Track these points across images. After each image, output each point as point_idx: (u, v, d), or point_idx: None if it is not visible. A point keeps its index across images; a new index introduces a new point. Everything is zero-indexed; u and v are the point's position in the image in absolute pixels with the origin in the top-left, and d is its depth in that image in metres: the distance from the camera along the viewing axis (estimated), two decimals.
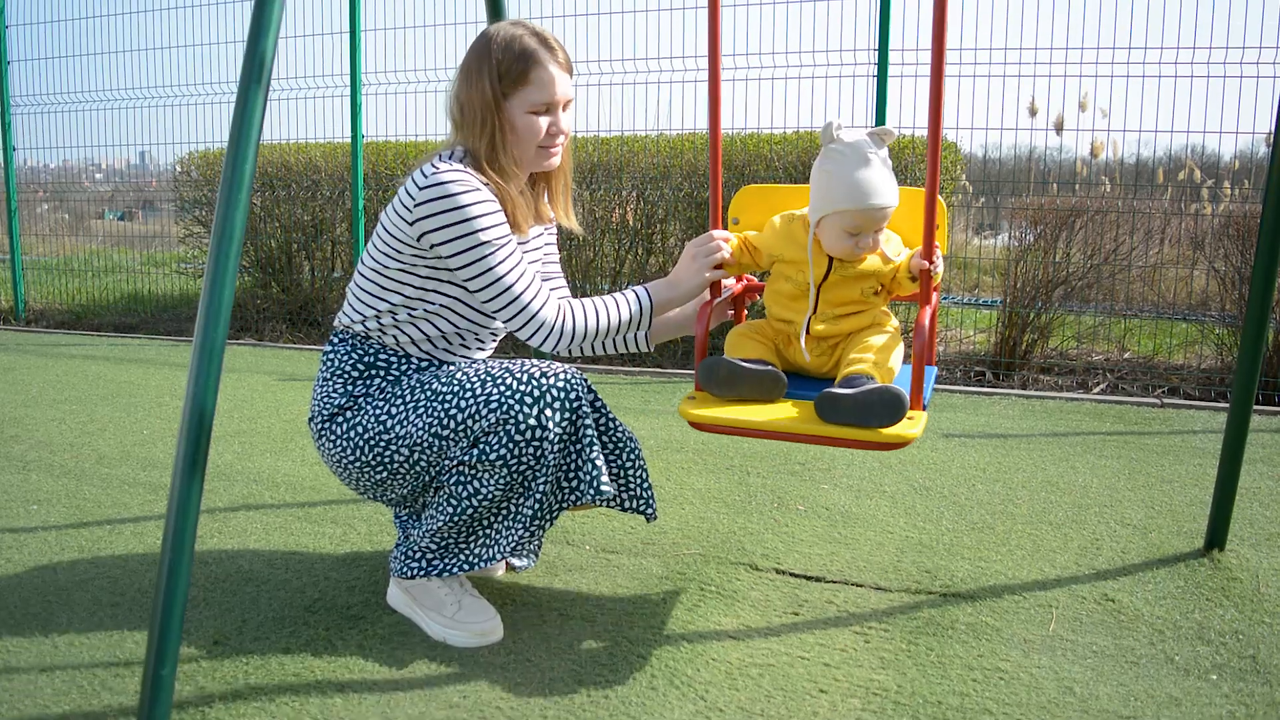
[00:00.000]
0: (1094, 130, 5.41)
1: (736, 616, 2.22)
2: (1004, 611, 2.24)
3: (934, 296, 1.94)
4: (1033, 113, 5.33)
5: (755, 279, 2.28)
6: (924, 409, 1.87)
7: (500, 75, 2.02)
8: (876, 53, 5.07)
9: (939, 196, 1.83)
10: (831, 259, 1.97)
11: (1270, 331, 4.68)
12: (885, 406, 1.77)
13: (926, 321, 1.87)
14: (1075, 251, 5.41)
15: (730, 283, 2.21)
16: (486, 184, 2.03)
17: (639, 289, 2.09)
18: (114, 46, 7.43)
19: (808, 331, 2.01)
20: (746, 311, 2.27)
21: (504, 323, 2.04)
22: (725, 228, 2.19)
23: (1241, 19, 4.77)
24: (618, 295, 2.08)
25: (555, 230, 2.38)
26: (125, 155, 8.62)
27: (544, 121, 2.07)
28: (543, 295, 2.03)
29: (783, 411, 1.89)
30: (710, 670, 1.96)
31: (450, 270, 2.03)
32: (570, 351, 2.06)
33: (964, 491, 3.17)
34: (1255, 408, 3.01)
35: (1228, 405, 2.51)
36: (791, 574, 2.47)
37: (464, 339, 2.17)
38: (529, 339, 2.03)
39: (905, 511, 2.96)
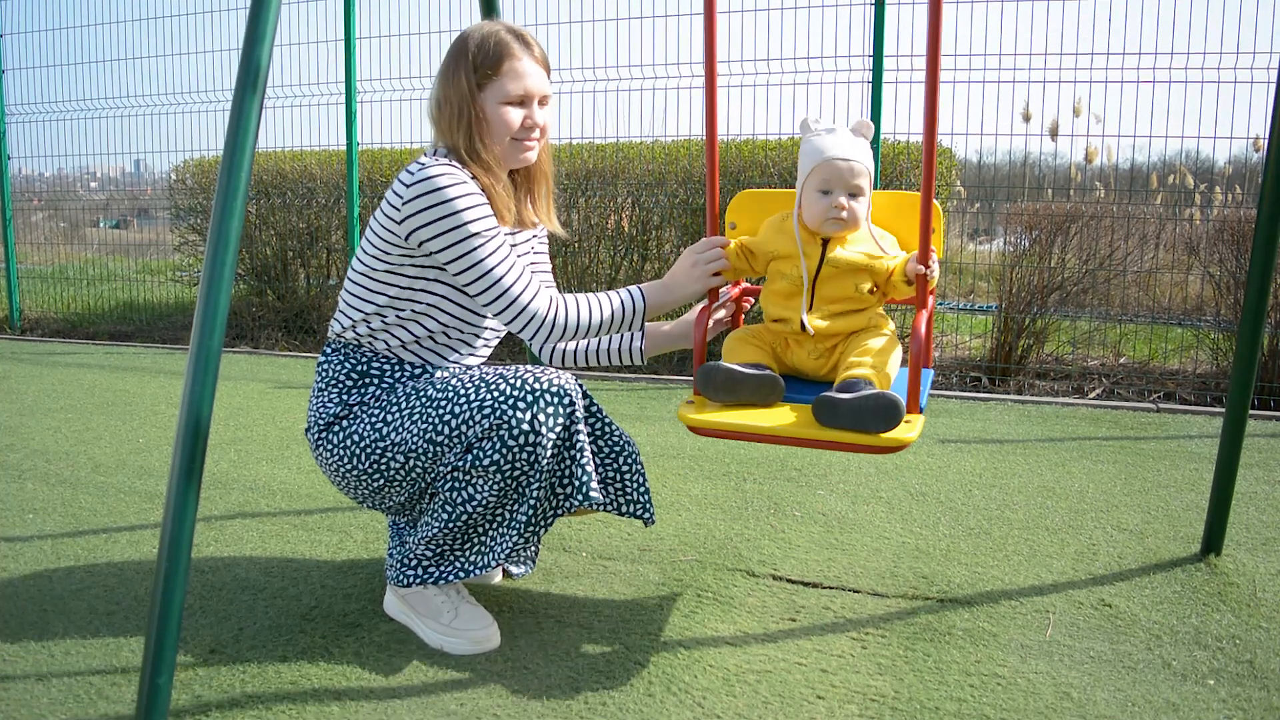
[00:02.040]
0: (1089, 135, 5.43)
1: (733, 623, 2.22)
2: (1001, 617, 2.25)
3: (930, 301, 1.94)
4: (1027, 118, 5.35)
5: (750, 283, 2.29)
6: (920, 412, 1.87)
7: (475, 68, 2.05)
8: (872, 59, 5.09)
9: (935, 201, 1.83)
10: (824, 250, 1.99)
11: (1265, 336, 4.69)
12: (882, 411, 1.77)
13: (923, 326, 1.89)
14: (1070, 257, 5.42)
15: (727, 289, 2.21)
16: (472, 178, 2.04)
17: (633, 289, 2.10)
18: (109, 55, 7.44)
19: (803, 328, 2.02)
20: (744, 317, 2.28)
21: (495, 316, 2.03)
22: (723, 235, 2.19)
23: (1235, 25, 4.78)
24: (610, 293, 2.09)
25: (545, 236, 2.38)
26: (120, 163, 8.62)
27: (518, 114, 2.08)
28: (533, 287, 2.03)
29: (781, 416, 1.88)
30: (707, 677, 1.96)
31: (441, 266, 2.04)
32: (564, 347, 2.05)
33: (960, 497, 3.17)
34: (1251, 412, 3.01)
35: (1223, 410, 2.52)
36: (788, 580, 2.47)
37: (452, 339, 2.17)
38: (520, 331, 2.03)
39: (902, 517, 2.96)
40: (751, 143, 5.77)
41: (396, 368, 2.14)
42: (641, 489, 2.19)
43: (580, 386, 2.03)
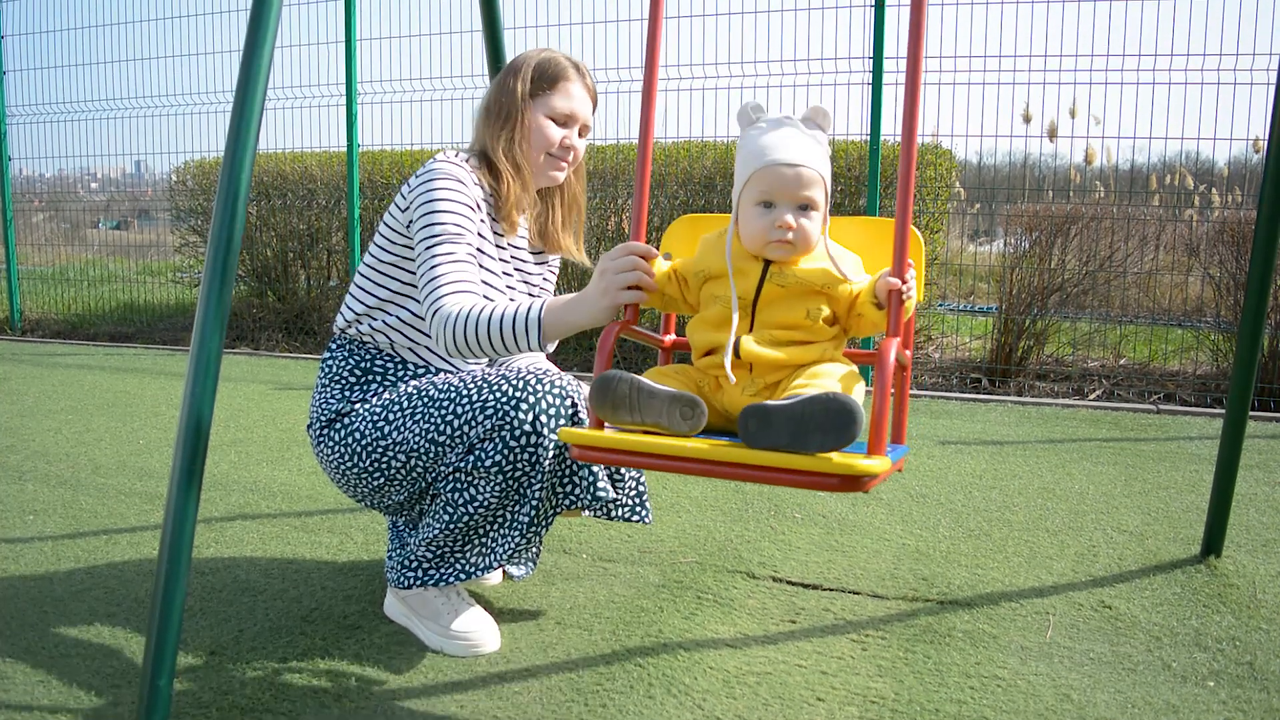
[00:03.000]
0: (1088, 136, 5.43)
1: (734, 625, 2.22)
2: (1001, 619, 2.24)
3: (900, 350, 1.50)
4: (1026, 120, 5.35)
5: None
6: (891, 461, 1.45)
7: (532, 79, 2.13)
8: (872, 60, 5.09)
9: (913, 228, 1.53)
10: (767, 266, 1.62)
11: (1265, 337, 4.69)
12: (830, 418, 1.35)
13: (891, 354, 1.44)
14: (1070, 258, 5.43)
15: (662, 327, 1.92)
16: (479, 184, 2.08)
17: (535, 302, 1.85)
18: (109, 56, 7.45)
19: (737, 355, 1.60)
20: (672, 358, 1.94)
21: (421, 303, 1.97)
22: (656, 247, 1.79)
23: (1235, 26, 4.78)
24: (511, 304, 1.86)
25: (559, 263, 2.41)
26: (121, 164, 8.63)
27: (559, 132, 2.15)
28: (455, 288, 1.92)
29: (695, 441, 1.50)
30: (708, 679, 1.96)
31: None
32: (449, 347, 1.88)
33: (960, 499, 3.17)
34: (1251, 413, 3.01)
35: (1223, 411, 2.52)
36: (788, 582, 2.47)
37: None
38: (428, 327, 1.94)
39: (902, 519, 2.96)
40: None
41: (400, 366, 2.14)
42: (636, 491, 2.20)
43: (580, 387, 2.03)
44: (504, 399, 1.93)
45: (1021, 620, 2.23)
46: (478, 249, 2.04)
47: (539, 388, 1.94)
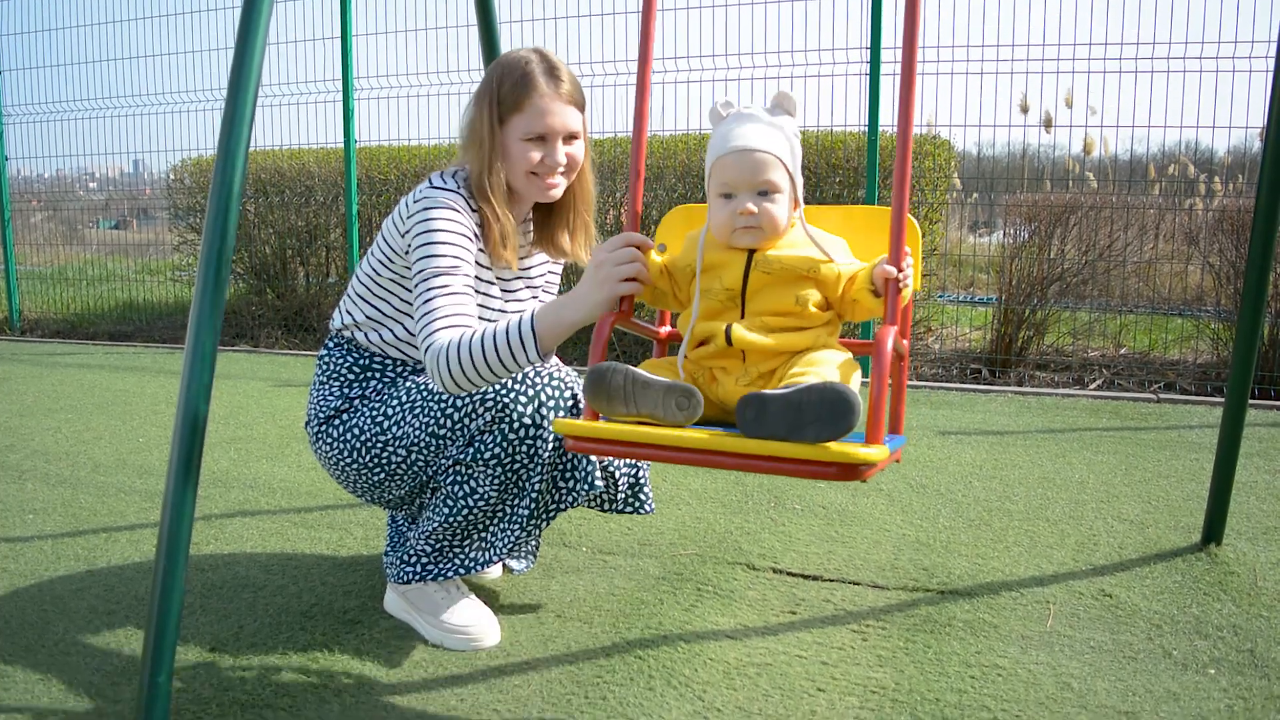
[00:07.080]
0: (1087, 126, 5.42)
1: (734, 616, 2.22)
2: (1001, 608, 2.24)
3: (898, 331, 1.49)
4: (1024, 110, 5.34)
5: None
6: (885, 445, 1.42)
7: (500, 100, 1.99)
8: (869, 50, 5.08)
9: (909, 215, 1.51)
10: (751, 255, 1.61)
11: (1265, 326, 4.68)
12: (825, 408, 1.33)
13: (889, 342, 1.42)
14: (1070, 248, 5.42)
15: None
16: (476, 210, 2.00)
17: (525, 312, 1.81)
18: (106, 55, 7.43)
19: (729, 342, 1.59)
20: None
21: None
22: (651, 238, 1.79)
23: (1234, 13, 4.77)
24: (500, 321, 1.80)
25: (561, 266, 2.35)
26: (119, 163, 8.62)
27: (537, 153, 2.00)
28: (451, 323, 1.83)
29: (690, 431, 1.47)
30: (708, 670, 1.96)
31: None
32: (447, 382, 1.79)
33: (961, 489, 3.17)
34: (1251, 402, 3.01)
35: (1223, 400, 2.52)
36: (788, 573, 2.47)
37: None
38: (426, 366, 1.85)
39: (902, 509, 2.96)
40: None
41: (398, 363, 2.14)
42: (633, 482, 2.20)
43: (580, 381, 2.03)
44: (504, 392, 1.93)
45: (1022, 609, 2.23)
46: (476, 278, 1.98)
47: (538, 381, 1.94)
